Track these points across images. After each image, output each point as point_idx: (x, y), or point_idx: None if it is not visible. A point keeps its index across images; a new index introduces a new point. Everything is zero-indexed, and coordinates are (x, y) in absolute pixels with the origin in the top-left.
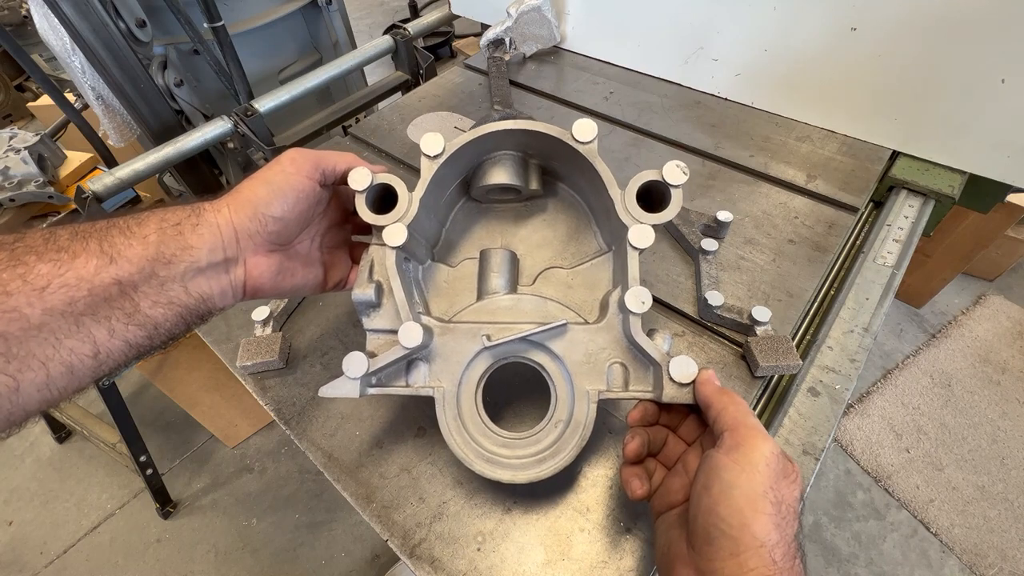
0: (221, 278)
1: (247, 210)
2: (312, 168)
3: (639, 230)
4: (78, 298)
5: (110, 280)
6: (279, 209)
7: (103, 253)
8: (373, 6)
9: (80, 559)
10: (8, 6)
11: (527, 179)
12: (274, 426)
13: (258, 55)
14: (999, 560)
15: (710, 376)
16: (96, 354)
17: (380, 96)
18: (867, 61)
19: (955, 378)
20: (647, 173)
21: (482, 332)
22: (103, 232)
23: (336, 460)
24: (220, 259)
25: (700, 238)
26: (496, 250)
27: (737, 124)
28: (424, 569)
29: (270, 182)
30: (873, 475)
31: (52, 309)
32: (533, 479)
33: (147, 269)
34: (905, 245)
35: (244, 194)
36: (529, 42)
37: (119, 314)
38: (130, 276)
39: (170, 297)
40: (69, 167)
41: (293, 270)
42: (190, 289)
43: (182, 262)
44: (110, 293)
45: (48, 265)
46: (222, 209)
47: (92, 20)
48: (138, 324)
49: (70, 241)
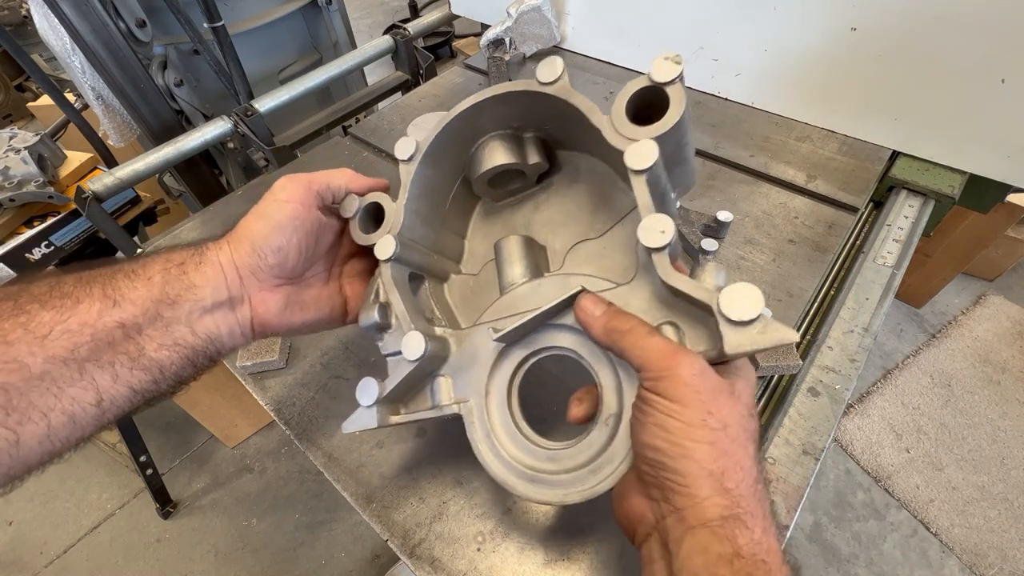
0: (228, 317)
1: (245, 246)
2: (304, 193)
3: (636, 149)
4: (81, 344)
5: (113, 323)
6: (276, 242)
7: (107, 297)
8: (373, 6)
9: (80, 559)
10: (8, 6)
11: (524, 154)
12: (274, 426)
13: (258, 55)
14: (999, 560)
15: (586, 308)
16: (99, 402)
17: (380, 96)
18: (867, 61)
19: (955, 378)
20: (634, 82)
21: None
22: (108, 276)
23: (336, 460)
24: (225, 297)
25: (700, 238)
26: (507, 238)
27: (737, 124)
28: (424, 569)
29: (264, 215)
30: (873, 475)
31: (54, 357)
32: (588, 496)
33: (152, 311)
34: (905, 245)
35: (241, 230)
36: (529, 42)
37: (123, 358)
38: (134, 318)
39: (176, 338)
40: (69, 167)
41: (303, 304)
42: (196, 330)
43: (187, 302)
44: (114, 337)
45: (51, 312)
46: (223, 247)
47: (92, 20)
48: (143, 368)
49: (74, 287)
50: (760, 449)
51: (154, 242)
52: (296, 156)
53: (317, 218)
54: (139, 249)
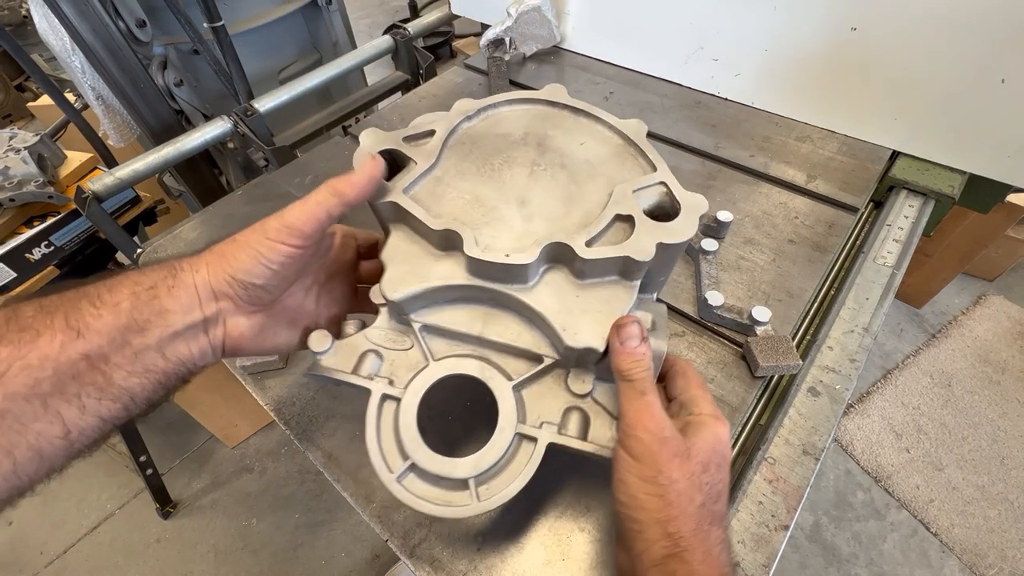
0: (200, 339)
1: (224, 273)
2: (299, 239)
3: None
4: (43, 379)
5: (77, 355)
6: (259, 277)
7: (69, 328)
8: (373, 6)
9: (80, 559)
10: (8, 6)
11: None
12: (274, 426)
13: (258, 55)
14: (999, 560)
15: (624, 340)
16: (67, 434)
17: (380, 96)
18: (867, 61)
19: (955, 378)
20: None
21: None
22: (71, 304)
23: (336, 460)
24: (199, 319)
25: (700, 238)
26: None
27: (737, 124)
28: (424, 569)
29: (251, 247)
30: (873, 475)
31: (14, 394)
32: (466, 514)
33: (118, 339)
34: (905, 245)
35: (224, 256)
36: (529, 42)
37: (90, 389)
38: (99, 348)
39: (146, 365)
40: (69, 167)
41: (276, 330)
42: (167, 354)
43: (157, 327)
44: (78, 369)
45: (8, 348)
46: (200, 269)
47: (92, 20)
48: (112, 397)
49: (33, 319)
50: (722, 493)
51: (154, 242)
52: (296, 156)
53: (304, 256)
54: (139, 249)
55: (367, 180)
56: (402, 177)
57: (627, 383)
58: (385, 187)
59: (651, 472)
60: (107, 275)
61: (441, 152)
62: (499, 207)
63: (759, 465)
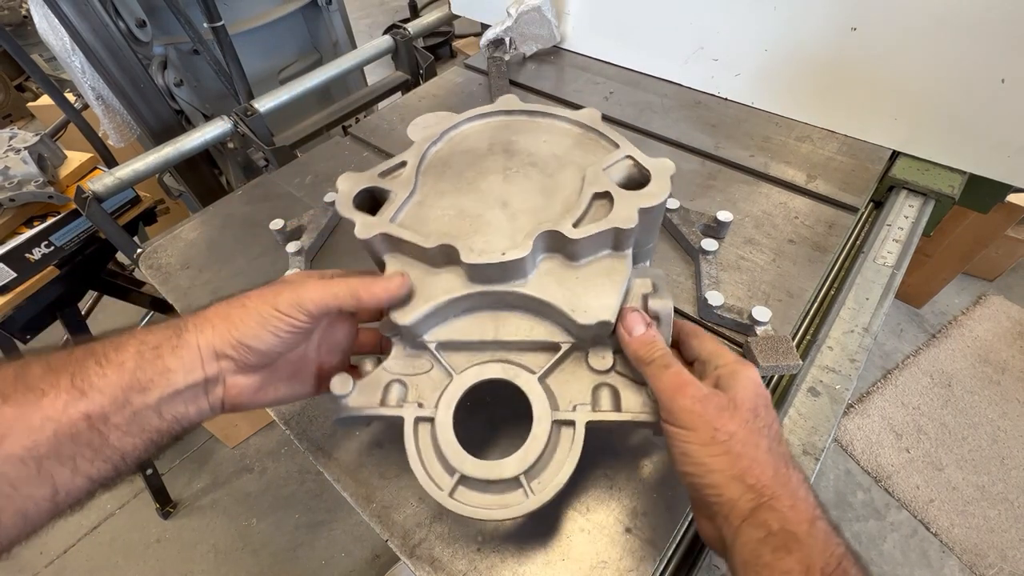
0: (199, 398)
1: (230, 337)
2: (308, 318)
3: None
4: (41, 441)
5: (79, 416)
6: (264, 344)
7: (74, 388)
8: (373, 6)
9: (80, 559)
10: (8, 6)
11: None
12: (274, 426)
13: (258, 55)
14: (999, 560)
15: (626, 326)
16: (54, 496)
17: (380, 96)
18: (867, 61)
19: (955, 378)
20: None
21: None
22: (78, 363)
23: (336, 460)
24: (200, 379)
25: (700, 238)
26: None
27: (737, 124)
28: (424, 569)
29: (261, 317)
30: (873, 475)
31: (11, 456)
32: (522, 512)
33: (120, 398)
34: (905, 245)
35: (232, 320)
36: (529, 42)
37: (85, 451)
38: (101, 408)
39: (142, 425)
40: (69, 167)
41: (276, 386)
42: (164, 413)
43: (158, 387)
44: (77, 429)
45: (12, 409)
46: (205, 330)
47: (92, 20)
48: (104, 458)
49: (40, 378)
50: (780, 434)
51: (154, 242)
52: (296, 156)
53: (311, 329)
54: (139, 249)
55: (388, 298)
56: (385, 209)
57: (648, 364)
58: (372, 225)
59: (708, 434)
60: (114, 334)
61: (416, 178)
62: (483, 214)
63: None
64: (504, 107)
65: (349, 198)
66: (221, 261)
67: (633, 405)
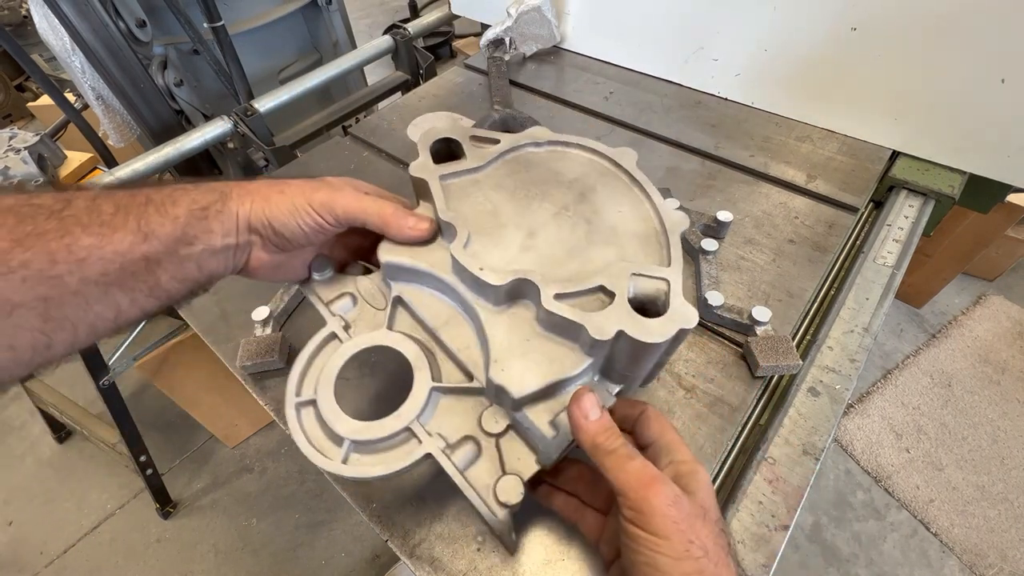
0: (228, 260)
1: (263, 216)
2: (335, 221)
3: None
4: (111, 270)
5: (140, 256)
6: (291, 232)
7: (139, 230)
8: (373, 6)
9: (80, 559)
10: (8, 6)
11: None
12: (274, 426)
13: (258, 55)
14: (999, 560)
15: (581, 408)
16: (116, 317)
17: (380, 96)
18: (867, 61)
19: (955, 378)
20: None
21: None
22: (142, 208)
23: None
24: (232, 243)
25: (700, 238)
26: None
27: (737, 124)
28: (424, 569)
29: (295, 206)
30: (873, 475)
31: (88, 278)
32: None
33: (172, 247)
34: (905, 245)
35: (270, 202)
36: (529, 42)
37: (142, 286)
38: (156, 253)
39: (185, 274)
40: (69, 167)
41: (292, 266)
42: (203, 267)
43: (200, 244)
44: (138, 268)
45: (91, 238)
46: (245, 203)
47: (92, 20)
48: (155, 296)
49: (112, 215)
50: (728, 537)
51: None
52: (296, 156)
53: (334, 231)
54: None
55: (414, 236)
56: (450, 165)
57: (608, 454)
58: (425, 169)
59: (682, 547)
60: (167, 185)
61: (494, 161)
62: (508, 228)
63: (759, 465)
64: (617, 158)
65: (432, 138)
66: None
67: (476, 478)
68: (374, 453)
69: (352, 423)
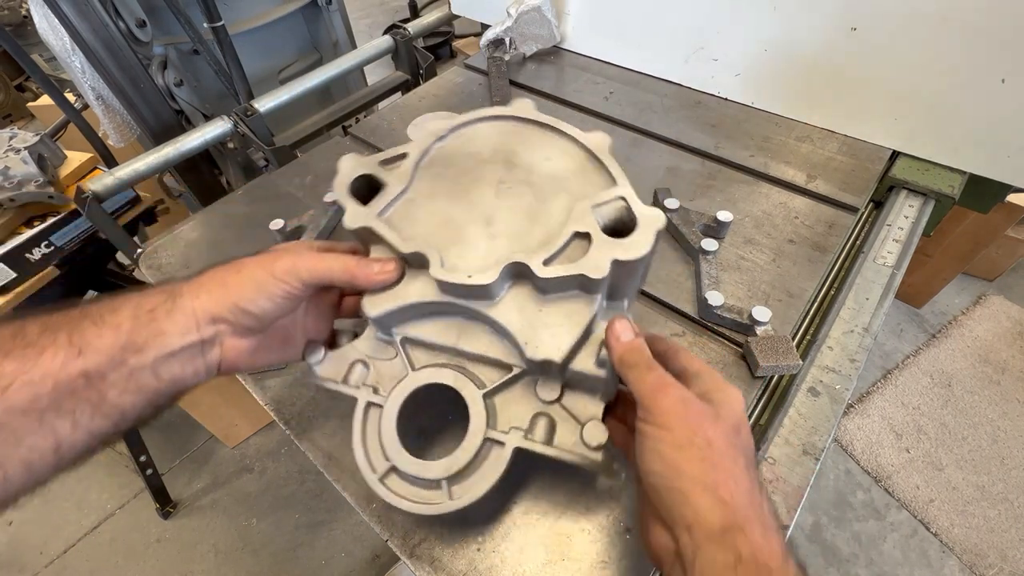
0: (196, 360)
1: (226, 301)
2: (302, 286)
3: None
4: (42, 394)
5: (77, 372)
6: (261, 308)
7: (72, 345)
8: (373, 6)
9: (80, 559)
10: (8, 6)
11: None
12: (274, 426)
13: (258, 55)
14: (999, 560)
15: (613, 332)
16: (57, 448)
17: (380, 96)
18: (867, 61)
19: (955, 378)
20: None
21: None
22: (74, 323)
23: (336, 460)
24: (195, 340)
25: (700, 238)
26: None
27: (737, 124)
28: (424, 569)
29: (257, 282)
30: (873, 475)
31: (13, 408)
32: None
33: (117, 357)
34: (905, 245)
35: (229, 286)
36: (529, 42)
37: (84, 406)
38: (98, 366)
39: (139, 384)
40: (69, 167)
41: (270, 347)
42: (161, 374)
43: (153, 348)
44: (76, 385)
45: (14, 363)
46: (200, 295)
47: (92, 20)
48: (104, 415)
49: (39, 335)
50: (755, 460)
51: (154, 242)
52: (296, 156)
53: (305, 295)
54: (139, 249)
55: (382, 280)
56: (377, 201)
57: (631, 368)
58: (359, 215)
59: (685, 436)
60: (109, 297)
61: (414, 174)
62: (466, 227)
63: (759, 465)
64: (517, 112)
65: (347, 182)
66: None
67: (564, 442)
68: (469, 476)
69: (440, 463)
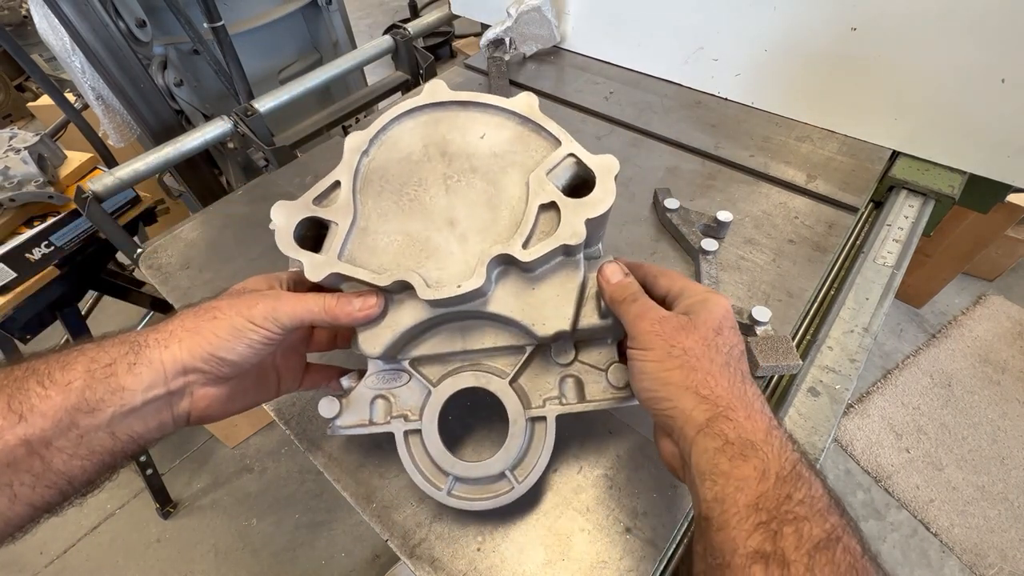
0: (162, 414)
1: (200, 351)
2: (282, 330)
3: None
4: None
5: (16, 441)
6: (240, 355)
7: (11, 412)
8: (373, 6)
9: (80, 559)
10: (8, 6)
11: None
12: (274, 426)
13: (258, 55)
14: (999, 560)
15: (604, 274)
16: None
17: (380, 96)
18: (867, 61)
19: (955, 378)
20: None
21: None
22: (18, 384)
23: (336, 460)
24: (161, 394)
25: (700, 238)
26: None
27: (737, 124)
28: (424, 569)
29: (235, 329)
30: (873, 475)
31: None
32: (512, 497)
33: (65, 420)
34: (905, 245)
35: (203, 334)
36: (529, 42)
37: (25, 477)
38: (42, 433)
39: (92, 447)
40: (69, 167)
41: (245, 391)
42: (118, 433)
43: (110, 407)
44: (15, 456)
45: None
46: (170, 345)
47: (92, 20)
48: (47, 484)
49: None
50: (740, 355)
51: (154, 242)
52: (296, 156)
53: (281, 341)
54: (139, 249)
55: (368, 315)
56: (330, 243)
57: (620, 303)
58: (320, 264)
59: (664, 351)
60: (63, 350)
61: (355, 201)
62: (432, 237)
63: None
64: (431, 98)
65: (289, 234)
66: (221, 261)
67: (596, 393)
68: (525, 457)
69: (498, 457)
